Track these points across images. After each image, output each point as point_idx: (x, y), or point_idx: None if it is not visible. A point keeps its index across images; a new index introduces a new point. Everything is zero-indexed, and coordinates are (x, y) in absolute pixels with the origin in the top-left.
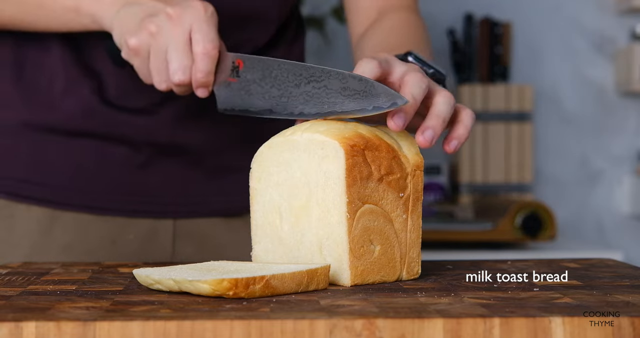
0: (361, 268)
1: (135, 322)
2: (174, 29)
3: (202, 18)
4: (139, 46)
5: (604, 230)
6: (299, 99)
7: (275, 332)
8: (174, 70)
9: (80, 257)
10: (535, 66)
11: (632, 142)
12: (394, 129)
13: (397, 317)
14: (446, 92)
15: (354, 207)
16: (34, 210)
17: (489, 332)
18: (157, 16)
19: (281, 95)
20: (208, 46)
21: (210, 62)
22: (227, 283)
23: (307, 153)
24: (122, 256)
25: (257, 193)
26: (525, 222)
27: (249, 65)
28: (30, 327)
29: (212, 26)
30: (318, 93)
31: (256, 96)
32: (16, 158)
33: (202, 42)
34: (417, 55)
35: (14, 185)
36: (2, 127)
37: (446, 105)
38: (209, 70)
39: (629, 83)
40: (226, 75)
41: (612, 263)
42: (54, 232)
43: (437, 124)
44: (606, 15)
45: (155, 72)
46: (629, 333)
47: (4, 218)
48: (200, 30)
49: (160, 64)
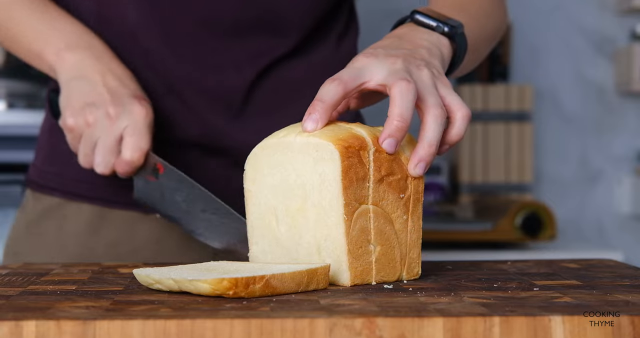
0: (360, 269)
1: (135, 321)
2: (108, 128)
3: (138, 124)
4: (73, 128)
5: (604, 230)
6: (202, 223)
7: (275, 331)
8: (97, 163)
9: (126, 256)
10: (535, 66)
11: (632, 142)
12: (388, 152)
13: (397, 316)
14: (435, 109)
15: (351, 208)
16: (84, 209)
17: (489, 330)
18: (98, 109)
19: (188, 211)
20: (134, 155)
21: (131, 168)
22: (227, 283)
23: (301, 155)
24: (165, 256)
25: (251, 195)
26: (525, 222)
27: (168, 172)
28: (30, 325)
29: (147, 132)
30: (218, 225)
31: (168, 202)
32: (70, 158)
33: (130, 149)
34: (419, 18)
35: (69, 183)
36: (57, 127)
37: (435, 128)
38: (129, 172)
39: (629, 83)
40: (147, 173)
41: (612, 264)
42: (102, 231)
43: (429, 153)
44: (606, 15)
45: (81, 154)
46: (629, 333)
47: (58, 218)
48: (132, 135)
49: (88, 149)
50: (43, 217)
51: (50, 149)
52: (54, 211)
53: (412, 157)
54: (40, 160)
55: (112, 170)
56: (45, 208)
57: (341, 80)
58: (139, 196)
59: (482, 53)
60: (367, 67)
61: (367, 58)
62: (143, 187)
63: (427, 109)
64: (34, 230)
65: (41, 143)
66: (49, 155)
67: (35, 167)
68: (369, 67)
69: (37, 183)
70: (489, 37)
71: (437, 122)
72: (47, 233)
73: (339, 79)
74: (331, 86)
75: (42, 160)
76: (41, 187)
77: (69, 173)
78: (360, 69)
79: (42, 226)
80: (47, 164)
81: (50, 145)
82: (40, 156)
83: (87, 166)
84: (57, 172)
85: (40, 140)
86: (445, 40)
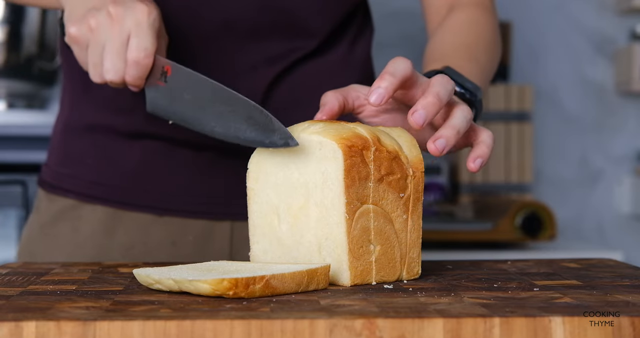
0: (361, 269)
1: (135, 321)
2: (112, 29)
3: (142, 23)
4: (77, 37)
5: (604, 230)
6: (212, 116)
7: (275, 332)
8: (107, 70)
9: (141, 258)
10: (535, 66)
11: (632, 142)
12: (414, 126)
13: (397, 317)
14: (465, 107)
15: (352, 207)
16: (99, 211)
17: (489, 331)
18: (99, 12)
19: (197, 109)
20: (140, 55)
21: (140, 70)
22: (227, 283)
23: (304, 153)
24: (181, 258)
25: (254, 194)
26: (525, 222)
27: (175, 72)
28: (30, 326)
29: (151, 32)
30: (227, 116)
31: (178, 104)
32: (85, 159)
33: (135, 49)
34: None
35: (84, 185)
36: (71, 128)
37: (463, 119)
38: (138, 77)
39: (629, 83)
40: (156, 79)
41: (613, 264)
42: (117, 233)
43: (451, 134)
44: (606, 15)
45: (91, 65)
46: (629, 333)
47: (72, 219)
48: (137, 35)
49: (96, 58)
50: (57, 218)
51: (64, 150)
52: (69, 212)
53: (432, 136)
54: (54, 161)
55: (122, 78)
56: (60, 209)
57: (409, 60)
58: (152, 108)
59: None
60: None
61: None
62: (154, 96)
63: (457, 104)
64: (48, 232)
65: (54, 143)
66: (63, 157)
67: (48, 167)
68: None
69: (50, 184)
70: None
71: (464, 116)
72: (62, 235)
73: (406, 59)
74: (402, 61)
75: (55, 161)
76: (55, 188)
77: (84, 175)
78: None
79: (56, 227)
80: (60, 165)
81: (64, 146)
82: (54, 157)
83: (99, 79)
84: (71, 173)
85: (53, 141)
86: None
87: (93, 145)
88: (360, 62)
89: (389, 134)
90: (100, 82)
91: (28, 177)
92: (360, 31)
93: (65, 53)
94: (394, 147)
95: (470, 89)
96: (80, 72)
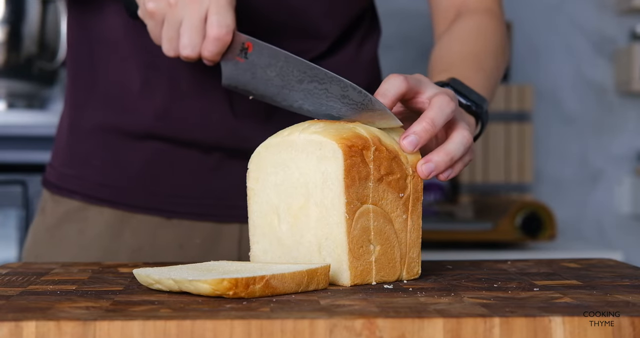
0: (361, 269)
1: (135, 321)
2: (192, 5)
3: (221, 1)
4: (155, 11)
5: (604, 230)
6: (300, 94)
7: (275, 332)
8: (184, 45)
9: (148, 260)
10: (535, 66)
11: (632, 142)
12: (405, 150)
13: (397, 317)
14: (465, 132)
15: (352, 207)
16: (105, 213)
17: (489, 331)
18: None
19: (283, 86)
20: (222, 31)
21: (220, 46)
22: (227, 283)
23: (304, 153)
24: (189, 261)
25: (254, 194)
26: (525, 222)
27: (258, 49)
28: (30, 326)
29: (230, 10)
30: (318, 93)
31: (260, 80)
32: (90, 160)
33: (216, 26)
34: (455, 86)
35: (90, 187)
36: (76, 129)
37: (460, 146)
38: (217, 53)
39: (629, 83)
40: (234, 55)
41: (613, 263)
42: (124, 235)
43: (442, 161)
44: (606, 15)
45: (165, 40)
46: (629, 333)
47: (78, 221)
48: (217, 13)
49: (172, 33)
50: (63, 220)
51: (70, 150)
52: (75, 214)
53: (422, 158)
54: (59, 162)
55: (198, 54)
56: (66, 211)
57: (405, 78)
58: (228, 82)
59: None
60: (424, 80)
61: (422, 76)
62: (232, 71)
63: (457, 127)
64: (54, 234)
65: (59, 143)
66: (68, 157)
67: (52, 168)
68: (425, 81)
69: (55, 185)
70: (497, 86)
71: (461, 142)
72: (68, 237)
73: (404, 76)
74: (394, 80)
75: (60, 161)
76: (60, 189)
77: (90, 176)
78: (419, 79)
79: (62, 229)
80: (66, 166)
81: (69, 146)
82: (58, 157)
83: (173, 53)
84: (77, 174)
85: (58, 140)
86: (472, 120)
87: (99, 146)
88: (367, 62)
89: (389, 134)
90: (174, 56)
91: (28, 177)
92: (368, 33)
93: (72, 51)
94: (393, 147)
95: (476, 101)
96: (86, 71)
